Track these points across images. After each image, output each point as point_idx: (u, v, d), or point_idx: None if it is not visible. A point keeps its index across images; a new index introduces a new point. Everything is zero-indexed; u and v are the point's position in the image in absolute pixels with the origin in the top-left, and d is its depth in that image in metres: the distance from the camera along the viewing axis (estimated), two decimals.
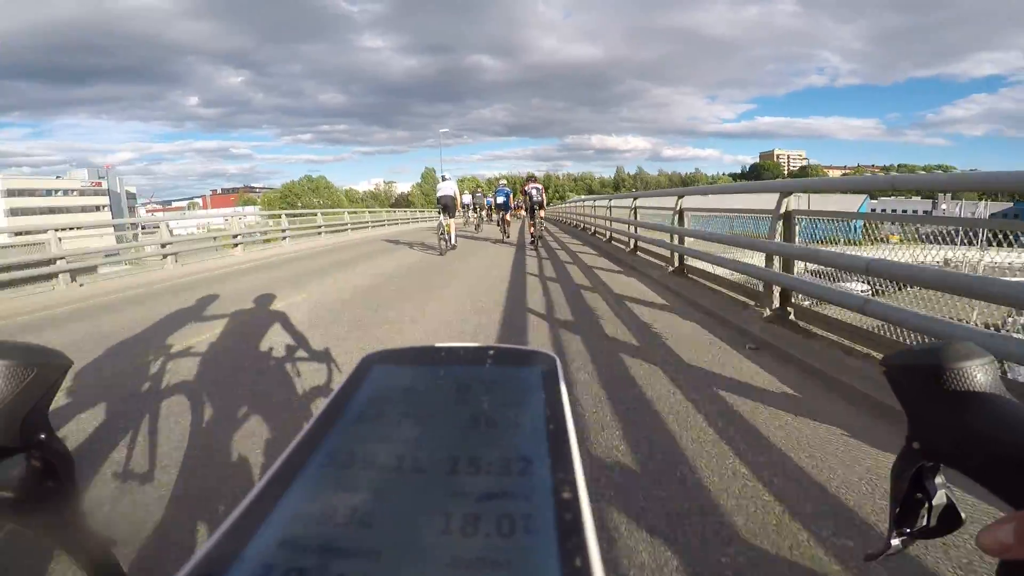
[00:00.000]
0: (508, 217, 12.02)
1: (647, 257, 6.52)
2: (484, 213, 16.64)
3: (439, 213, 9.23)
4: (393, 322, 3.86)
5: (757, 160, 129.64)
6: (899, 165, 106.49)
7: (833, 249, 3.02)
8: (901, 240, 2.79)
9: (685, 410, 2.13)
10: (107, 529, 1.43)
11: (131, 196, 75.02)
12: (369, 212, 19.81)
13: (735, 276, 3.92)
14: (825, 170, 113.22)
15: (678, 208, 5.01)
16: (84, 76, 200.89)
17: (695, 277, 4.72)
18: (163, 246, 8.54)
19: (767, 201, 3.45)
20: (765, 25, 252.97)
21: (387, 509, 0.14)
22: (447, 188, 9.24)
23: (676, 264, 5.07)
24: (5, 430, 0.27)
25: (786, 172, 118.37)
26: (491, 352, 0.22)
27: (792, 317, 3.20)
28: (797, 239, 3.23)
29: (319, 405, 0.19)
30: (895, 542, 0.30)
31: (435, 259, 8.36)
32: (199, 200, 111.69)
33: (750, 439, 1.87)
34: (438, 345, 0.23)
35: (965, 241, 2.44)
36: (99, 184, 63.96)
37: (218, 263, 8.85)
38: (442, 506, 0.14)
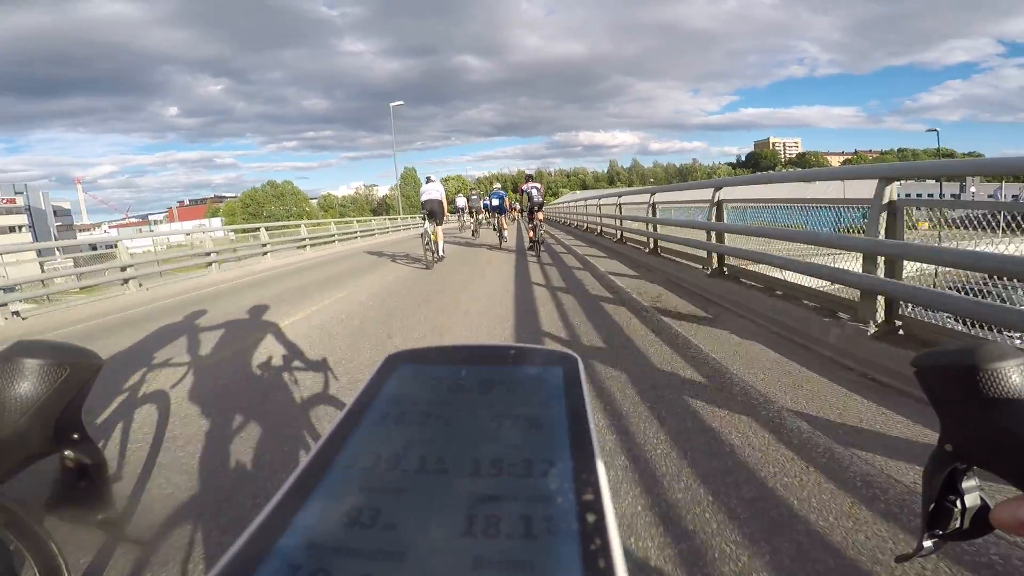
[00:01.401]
0: (504, 221, 11.59)
1: (672, 258, 5.87)
2: (480, 217, 15.98)
3: (424, 219, 8.39)
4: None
5: (752, 149, 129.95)
6: (899, 150, 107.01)
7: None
8: (931, 227, 2.68)
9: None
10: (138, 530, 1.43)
11: (63, 212, 67.40)
12: (357, 222, 19.01)
13: (809, 281, 3.24)
14: (824, 156, 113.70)
15: (716, 200, 4.37)
16: (58, 88, 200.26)
17: (748, 281, 4.07)
18: (123, 269, 7.78)
19: (819, 191, 2.77)
20: (745, 17, 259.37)
21: (411, 510, 0.14)
22: (432, 191, 8.36)
23: (715, 265, 4.42)
24: (40, 430, 0.27)
25: (783, 160, 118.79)
26: (513, 352, 0.23)
27: (902, 332, 2.53)
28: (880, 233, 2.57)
29: (345, 403, 0.20)
30: (927, 544, 0.30)
31: (421, 276, 7.34)
32: (163, 215, 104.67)
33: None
34: (461, 344, 0.24)
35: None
36: (12, 201, 54.29)
37: (185, 285, 8.11)
38: (465, 507, 0.14)
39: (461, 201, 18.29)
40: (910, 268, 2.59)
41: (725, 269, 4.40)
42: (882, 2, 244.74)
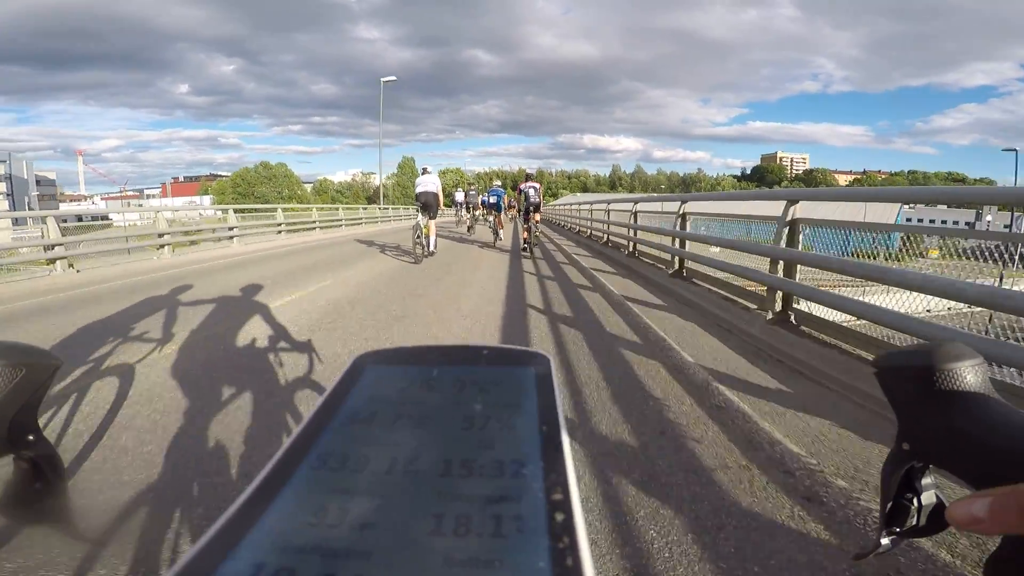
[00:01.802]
0: (502, 219, 11.17)
1: (707, 286, 4.86)
2: (478, 213, 15.46)
3: (417, 212, 7.82)
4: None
5: (758, 162, 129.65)
6: (908, 172, 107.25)
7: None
8: (941, 255, 2.73)
9: None
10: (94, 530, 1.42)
11: (49, 183, 63.65)
12: (343, 208, 17.92)
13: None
14: (832, 175, 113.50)
15: (791, 217, 3.31)
16: (72, 61, 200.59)
17: (818, 334, 3.06)
18: (48, 248, 6.64)
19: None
20: (763, 29, 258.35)
21: (379, 510, 0.14)
22: (428, 183, 7.77)
23: (778, 308, 3.37)
24: None
25: (790, 175, 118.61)
26: (485, 352, 0.23)
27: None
28: None
29: (311, 405, 0.19)
30: (884, 541, 0.31)
31: (409, 270, 6.72)
32: (157, 190, 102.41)
33: None
34: (432, 345, 0.23)
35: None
36: None
37: (125, 269, 6.98)
38: (435, 507, 0.14)
39: (460, 195, 17.51)
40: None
41: (791, 314, 3.40)
42: (908, 21, 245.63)
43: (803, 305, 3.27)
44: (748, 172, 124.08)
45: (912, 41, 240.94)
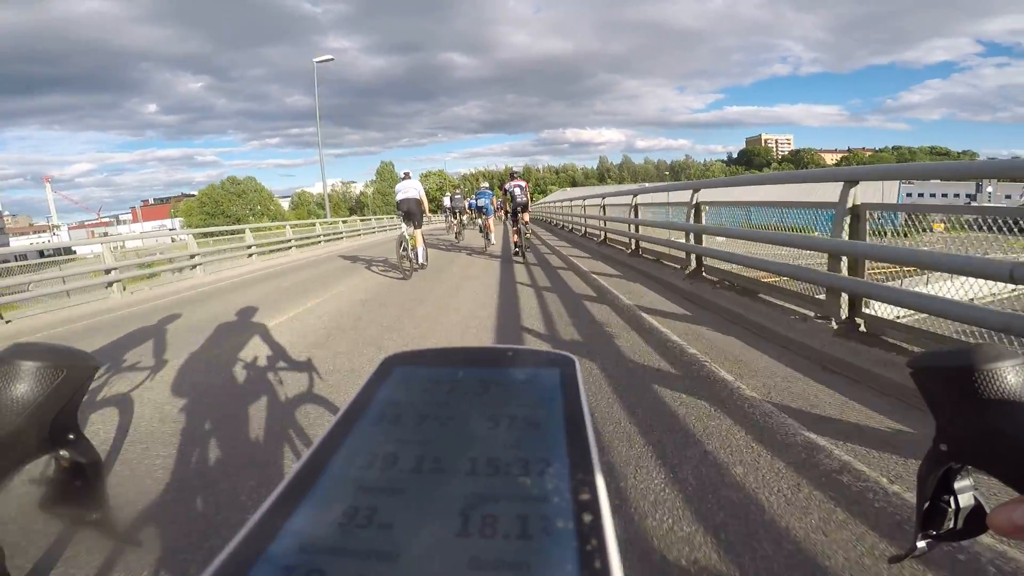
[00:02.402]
0: (490, 222, 10.76)
1: (726, 288, 4.24)
2: (465, 218, 15.11)
3: (401, 222, 7.17)
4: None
5: (743, 146, 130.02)
6: (893, 147, 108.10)
7: None
8: (947, 229, 2.65)
9: None
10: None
11: None
12: (321, 223, 17.21)
13: None
14: (819, 154, 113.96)
15: (853, 203, 2.68)
16: (32, 86, 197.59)
17: (903, 342, 2.43)
18: None
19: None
20: (730, 16, 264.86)
21: (407, 510, 0.14)
22: (409, 189, 7.20)
23: (845, 314, 2.73)
24: (36, 431, 0.28)
25: (777, 157, 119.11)
26: (510, 353, 0.23)
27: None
28: None
29: (341, 405, 0.20)
30: (920, 544, 0.31)
31: (396, 288, 6.13)
32: (127, 215, 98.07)
33: None
34: (458, 346, 0.24)
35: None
36: None
37: (55, 318, 6.21)
38: (461, 507, 0.14)
39: (445, 200, 17.03)
40: None
41: (862, 320, 2.77)
42: (866, 2, 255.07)
43: (875, 308, 2.65)
44: (735, 156, 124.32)
45: (872, 20, 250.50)
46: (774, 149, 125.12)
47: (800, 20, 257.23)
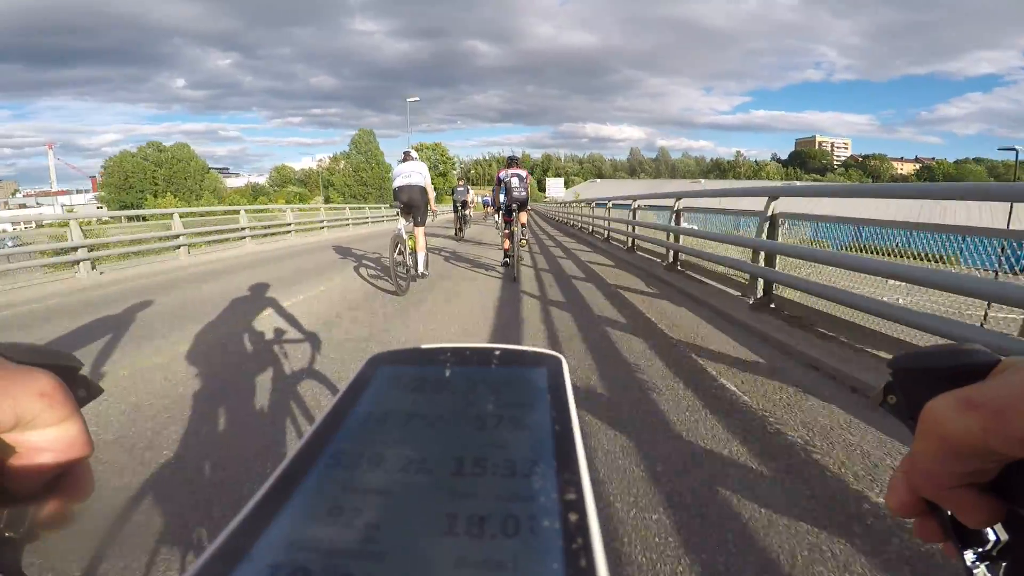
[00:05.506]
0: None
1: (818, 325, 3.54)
2: (467, 213, 14.44)
3: (398, 215, 5.84)
4: None
5: (793, 148, 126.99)
6: (975, 158, 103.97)
7: None
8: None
9: None
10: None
11: None
12: (288, 210, 15.50)
13: None
14: (891, 162, 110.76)
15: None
16: (67, 57, 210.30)
17: None
18: None
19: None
20: (763, 17, 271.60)
21: (393, 510, 0.15)
22: (412, 172, 5.74)
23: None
24: None
25: (832, 161, 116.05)
26: (497, 353, 0.24)
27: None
28: None
29: (325, 406, 0.21)
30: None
31: (381, 307, 4.98)
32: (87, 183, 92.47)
33: None
34: (444, 346, 0.25)
35: None
36: None
37: None
38: (448, 507, 0.15)
39: (461, 191, 14.76)
40: None
41: None
42: (909, 9, 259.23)
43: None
44: (786, 158, 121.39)
45: (912, 30, 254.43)
46: (830, 152, 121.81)
47: (835, 25, 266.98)
